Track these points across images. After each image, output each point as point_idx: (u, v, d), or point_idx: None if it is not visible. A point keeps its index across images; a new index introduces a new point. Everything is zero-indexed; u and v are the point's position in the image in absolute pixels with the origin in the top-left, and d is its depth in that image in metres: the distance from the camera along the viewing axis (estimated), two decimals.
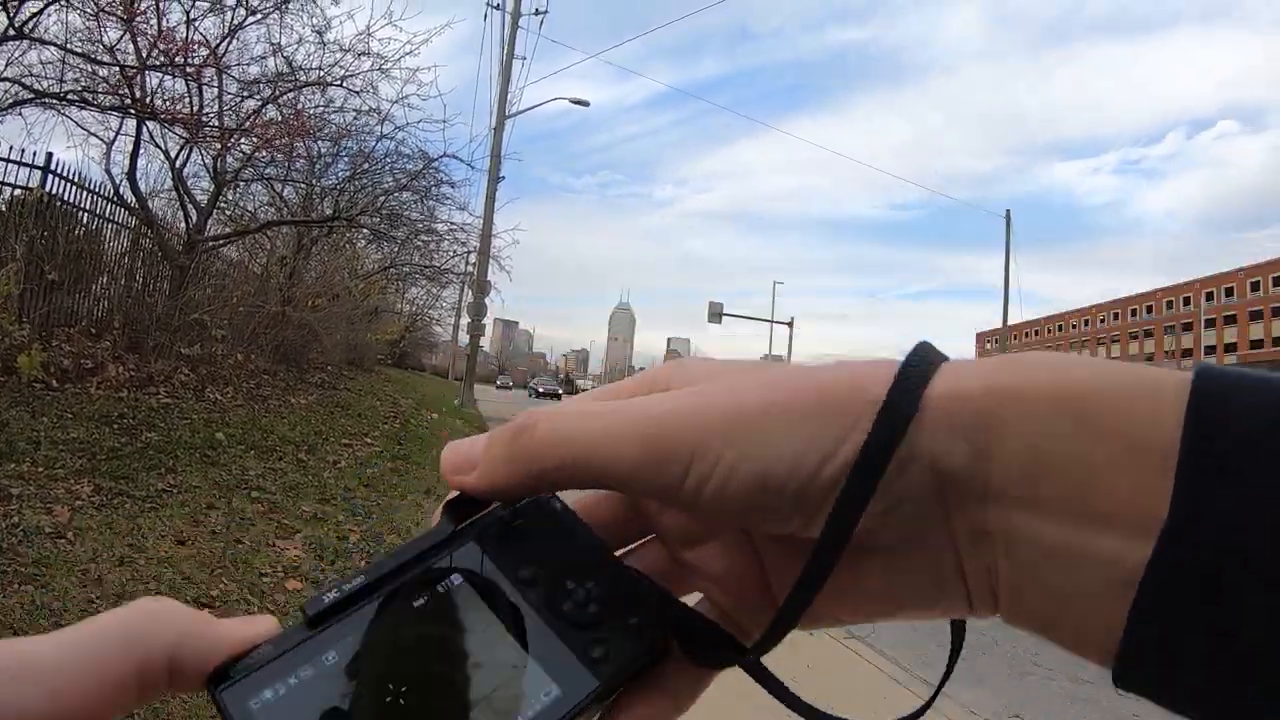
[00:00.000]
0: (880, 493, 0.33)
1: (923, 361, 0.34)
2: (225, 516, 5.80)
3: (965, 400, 0.32)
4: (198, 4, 9.84)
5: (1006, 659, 5.88)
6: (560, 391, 63.75)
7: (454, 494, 0.41)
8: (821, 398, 0.34)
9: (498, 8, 25.93)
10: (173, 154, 10.79)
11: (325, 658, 0.35)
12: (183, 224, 11.42)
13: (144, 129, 9.87)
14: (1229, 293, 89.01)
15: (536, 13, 26.62)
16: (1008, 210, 41.01)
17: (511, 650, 0.37)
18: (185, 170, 11.35)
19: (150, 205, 11.38)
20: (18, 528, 4.69)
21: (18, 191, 9.24)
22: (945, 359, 0.35)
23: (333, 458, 8.79)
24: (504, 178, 27.06)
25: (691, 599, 0.43)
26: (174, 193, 11.28)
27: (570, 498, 0.44)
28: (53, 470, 5.65)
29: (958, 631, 0.43)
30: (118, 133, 10.30)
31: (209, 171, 11.67)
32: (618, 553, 0.44)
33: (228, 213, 13.49)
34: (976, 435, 0.32)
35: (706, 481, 0.35)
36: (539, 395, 62.38)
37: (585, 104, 28.37)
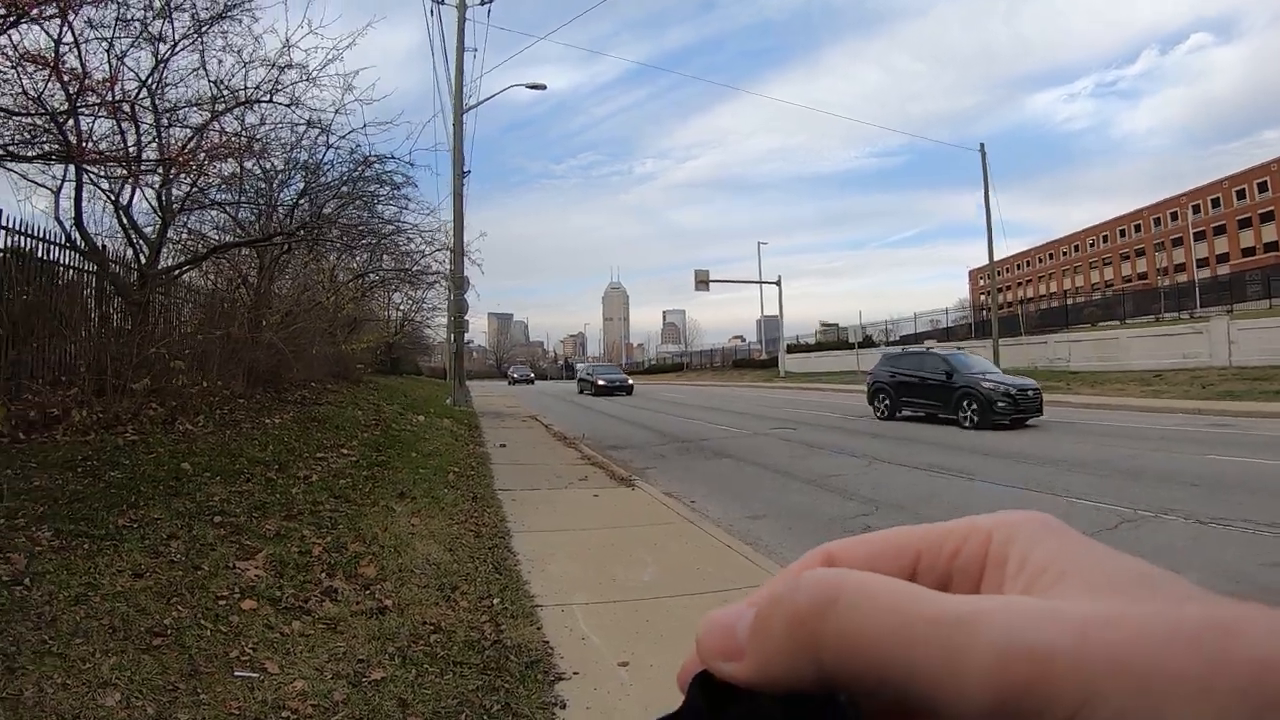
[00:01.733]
0: None
1: None
2: (185, 544, 5.96)
3: None
4: (121, 39, 9.95)
5: None
6: (630, 383, 48.16)
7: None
8: (1253, 685, 0.26)
9: (442, 2, 25.81)
10: (116, 192, 10.90)
11: None
12: (139, 260, 11.54)
13: (84, 173, 9.98)
14: (1215, 203, 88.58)
15: (482, 2, 26.54)
16: (981, 145, 40.83)
17: None
18: (135, 205, 11.48)
19: (108, 246, 11.54)
20: None
21: None
22: None
23: (304, 473, 8.95)
24: (469, 172, 27.19)
25: None
26: (128, 230, 11.40)
27: None
28: (13, 520, 5.80)
29: None
30: (63, 179, 10.40)
31: (154, 207, 11.79)
32: None
33: (184, 243, 13.62)
34: None
35: None
36: (600, 391, 46.44)
37: (542, 87, 28.40)
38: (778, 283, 64.99)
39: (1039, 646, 0.28)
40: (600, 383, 47.02)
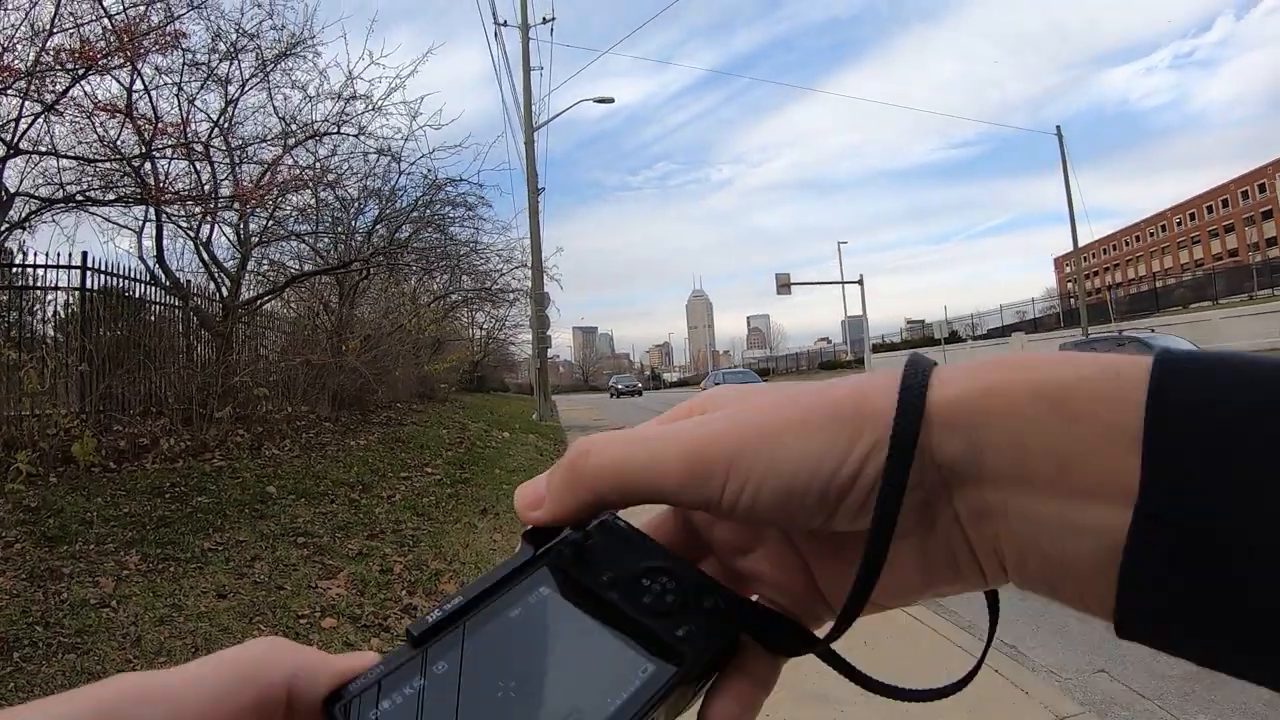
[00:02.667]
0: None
1: (919, 372, 0.40)
2: (269, 565, 6.04)
3: (958, 401, 0.38)
4: (190, 83, 10.25)
5: None
6: (639, 387, 66.67)
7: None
8: (833, 412, 0.40)
9: (505, 24, 26.10)
10: (194, 229, 11.22)
11: (435, 668, 0.38)
12: (221, 292, 11.85)
13: (162, 213, 10.27)
14: None
15: (544, 21, 26.77)
16: (1058, 127, 39.88)
17: (605, 639, 0.41)
18: (215, 240, 11.80)
19: (190, 281, 11.89)
20: (65, 603, 4.99)
21: (60, 293, 9.78)
22: (935, 364, 0.41)
23: (387, 493, 9.03)
24: (544, 189, 27.38)
25: None
26: (209, 265, 11.72)
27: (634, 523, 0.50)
28: (103, 546, 5.96)
29: (992, 601, 0.48)
30: (144, 220, 10.75)
31: (231, 242, 12.10)
32: None
33: (264, 274, 13.97)
34: (970, 430, 0.37)
35: (742, 492, 0.40)
36: (619, 394, 67.86)
37: (610, 101, 28.51)
38: (860, 282, 64.11)
39: (703, 433, 0.42)
40: (620, 388, 71.49)
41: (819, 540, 0.46)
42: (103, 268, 10.05)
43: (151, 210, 10.25)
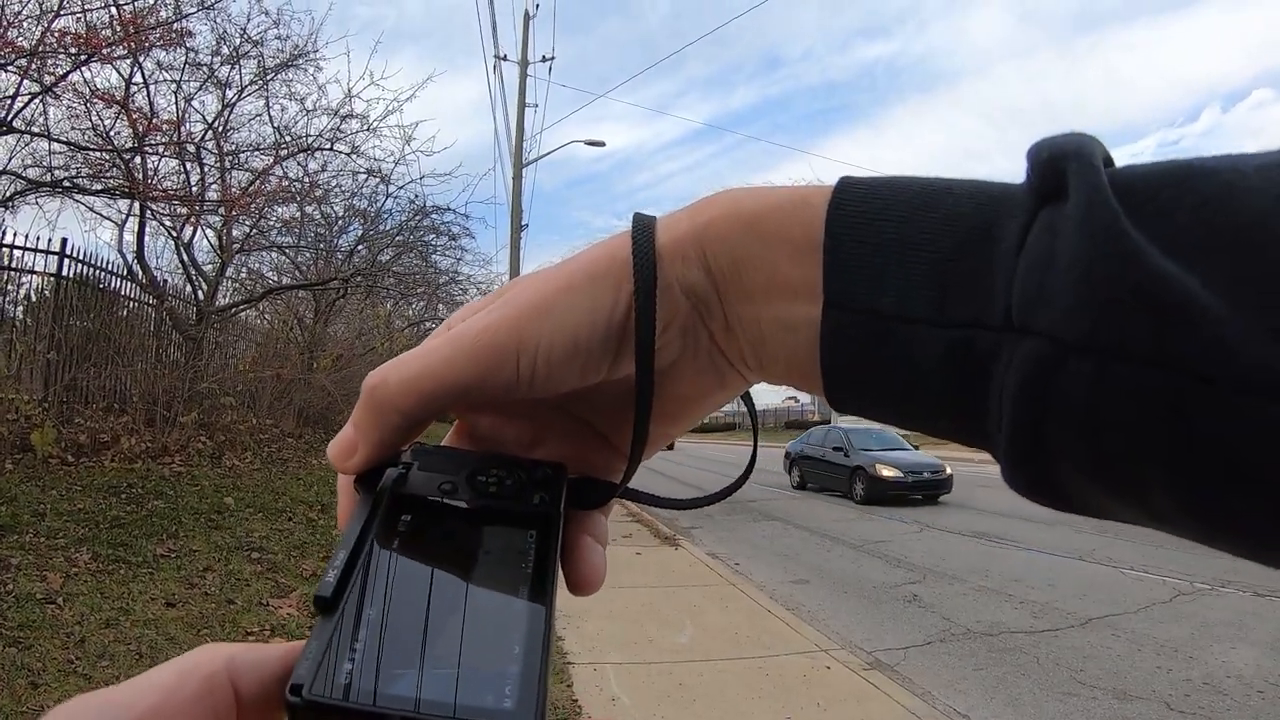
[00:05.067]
0: (657, 319, 0.43)
1: (643, 222, 0.45)
2: (221, 578, 5.94)
3: (682, 239, 0.43)
4: (189, 82, 10.23)
5: (1047, 680, 5.78)
6: None
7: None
8: (592, 270, 0.44)
9: (505, 58, 26.31)
10: (178, 229, 11.13)
11: (366, 616, 0.38)
12: (197, 296, 11.74)
13: (147, 209, 10.19)
14: None
15: (544, 59, 27.01)
16: None
17: (482, 533, 0.43)
18: (196, 243, 11.72)
19: (167, 280, 11.79)
20: (10, 594, 4.87)
21: (36, 278, 9.64)
22: (656, 217, 0.46)
23: None
24: (527, 225, 27.42)
25: None
26: (187, 267, 11.62)
27: None
28: (54, 540, 5.83)
29: (749, 401, 0.55)
30: (127, 214, 10.65)
31: (213, 247, 12.02)
32: None
33: (242, 282, 13.87)
34: (698, 259, 0.43)
35: (535, 365, 0.43)
36: None
37: (600, 144, 28.62)
38: None
39: (481, 325, 0.43)
40: None
41: (606, 406, 0.50)
42: (82, 257, 9.92)
43: (136, 205, 10.17)
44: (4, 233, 9.47)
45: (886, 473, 18.55)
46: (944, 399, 0.39)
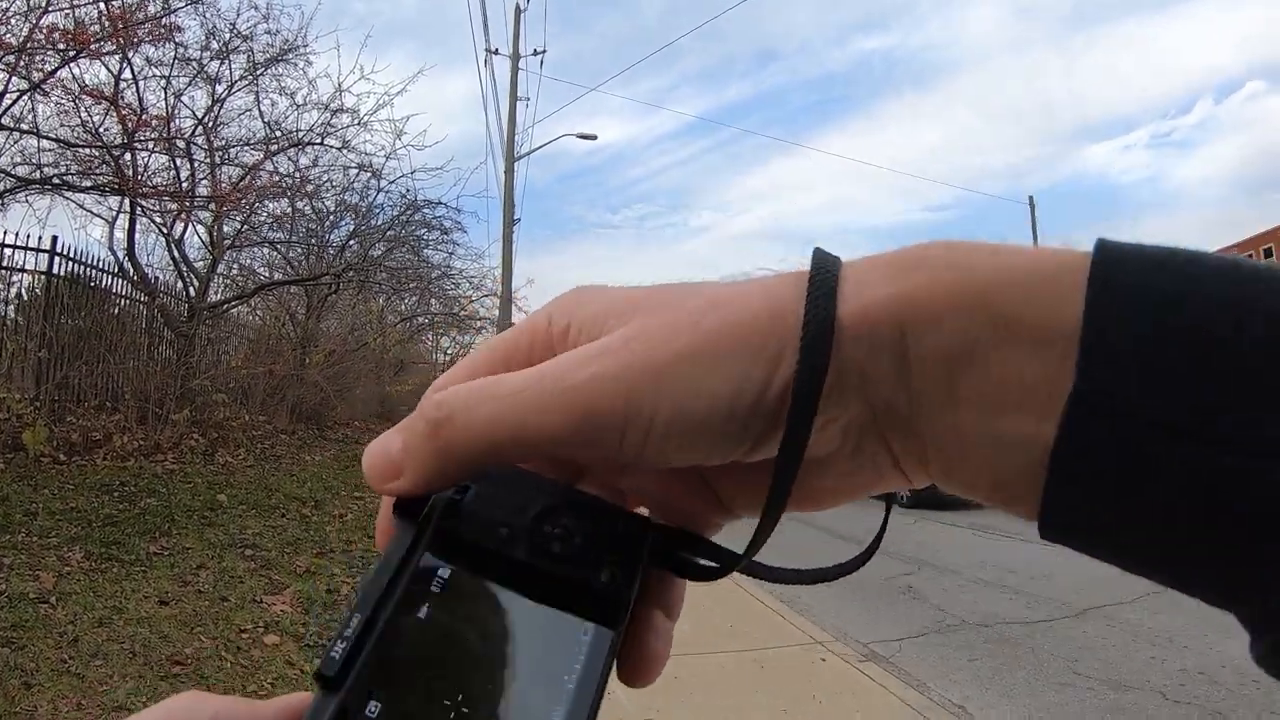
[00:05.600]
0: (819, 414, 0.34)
1: (825, 272, 0.35)
2: (214, 576, 5.92)
3: (875, 308, 0.34)
4: (179, 78, 10.18)
5: (1043, 671, 5.78)
6: None
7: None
8: (744, 331, 0.35)
9: (496, 53, 26.24)
10: (168, 226, 11.09)
11: (368, 711, 0.33)
12: (189, 292, 11.71)
13: (137, 205, 10.14)
14: (1268, 254, 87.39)
15: (535, 53, 26.96)
16: (1030, 197, 40.73)
17: (530, 610, 0.37)
18: (187, 240, 11.68)
19: (158, 278, 11.73)
20: (2, 594, 4.85)
21: (26, 276, 9.61)
22: (841, 264, 0.36)
23: (339, 511, 8.91)
24: (519, 220, 27.39)
25: None
26: (178, 263, 11.59)
27: None
28: (46, 539, 5.81)
29: (889, 501, 0.46)
30: (118, 211, 10.60)
31: (204, 243, 11.98)
32: None
33: (233, 278, 13.82)
34: (893, 343, 0.33)
35: (644, 439, 0.35)
36: None
37: (592, 138, 28.55)
38: None
39: (587, 375, 0.35)
40: None
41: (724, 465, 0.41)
42: (72, 254, 9.89)
43: (126, 202, 10.11)
44: None
45: None
46: (1228, 549, 0.30)
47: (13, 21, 8.44)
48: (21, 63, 8.45)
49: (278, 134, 11.72)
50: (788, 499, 0.36)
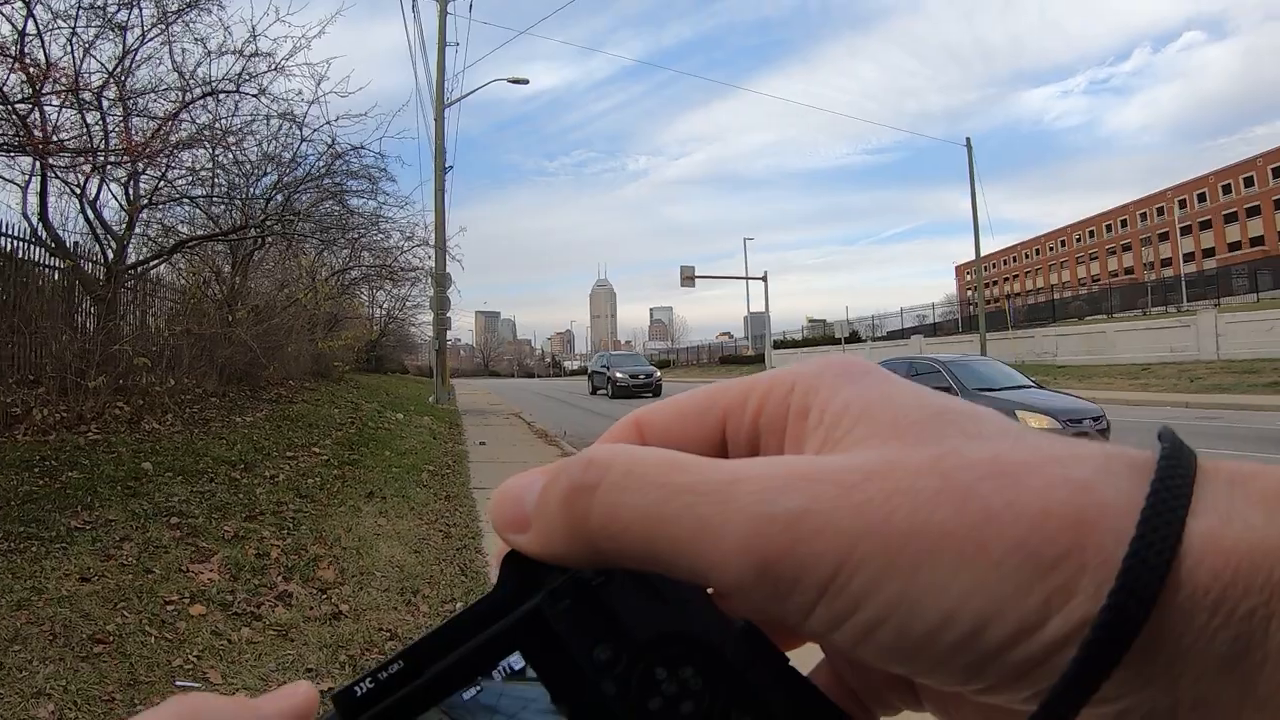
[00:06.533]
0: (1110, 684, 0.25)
1: (1177, 474, 0.25)
2: (138, 547, 5.84)
3: (1247, 563, 0.24)
4: (85, 29, 9.80)
5: None
6: (658, 378, 38.47)
7: None
8: (1031, 536, 0.25)
9: None
10: (81, 186, 10.75)
11: None
12: (106, 255, 11.40)
13: (48, 167, 9.81)
14: (1201, 199, 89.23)
15: None
16: (968, 139, 41.03)
17: None
18: (103, 202, 11.34)
19: (76, 243, 11.39)
20: None
21: None
22: (1197, 469, 0.26)
23: (270, 473, 8.82)
24: (451, 168, 27.01)
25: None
26: (94, 225, 11.26)
27: None
28: None
29: None
30: (30, 174, 10.24)
31: (120, 204, 11.64)
32: None
33: (153, 238, 13.49)
34: (1251, 626, 0.23)
35: (844, 620, 0.27)
36: (620, 391, 36.89)
37: (524, 82, 28.24)
38: (764, 278, 64.80)
39: (792, 510, 0.27)
40: (621, 376, 37.22)
41: None
42: None
43: (38, 165, 9.78)
44: None
45: (1035, 424, 11.98)
46: None
47: None
48: None
49: (191, 83, 11.37)
50: None
